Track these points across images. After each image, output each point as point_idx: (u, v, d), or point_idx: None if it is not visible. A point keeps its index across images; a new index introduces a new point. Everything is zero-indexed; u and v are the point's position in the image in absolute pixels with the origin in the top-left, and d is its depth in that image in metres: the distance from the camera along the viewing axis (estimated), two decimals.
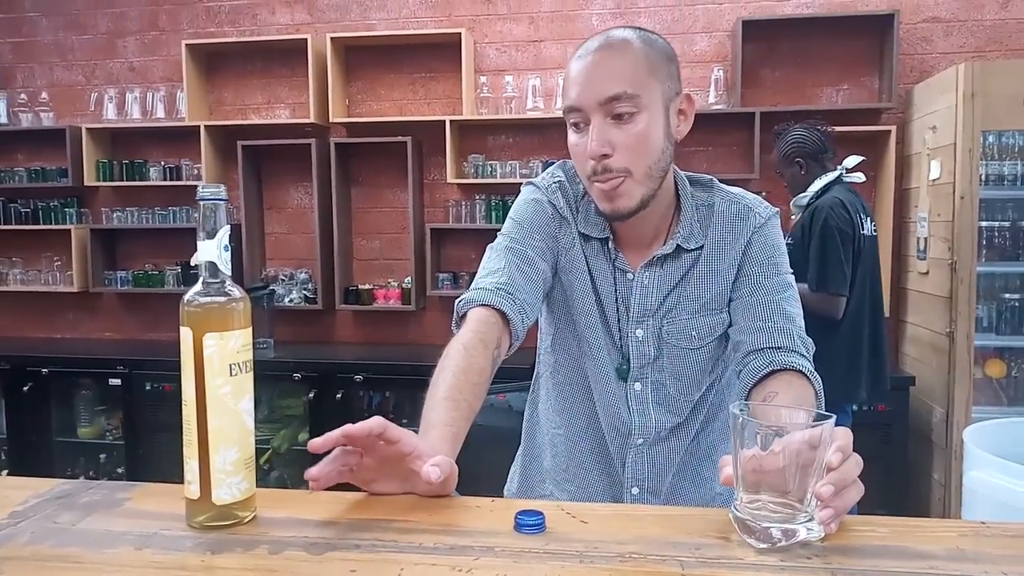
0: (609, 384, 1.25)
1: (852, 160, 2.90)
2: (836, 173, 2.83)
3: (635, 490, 1.27)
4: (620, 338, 1.23)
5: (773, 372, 1.10)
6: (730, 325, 1.21)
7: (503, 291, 1.14)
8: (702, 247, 1.21)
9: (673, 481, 1.28)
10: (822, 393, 1.10)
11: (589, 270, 1.24)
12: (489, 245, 1.25)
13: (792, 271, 1.23)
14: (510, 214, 1.27)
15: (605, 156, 1.09)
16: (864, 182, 2.90)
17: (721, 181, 1.29)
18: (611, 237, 1.22)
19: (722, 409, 1.29)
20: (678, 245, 1.20)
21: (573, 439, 1.31)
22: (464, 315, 1.13)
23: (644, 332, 1.22)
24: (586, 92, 1.10)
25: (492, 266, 1.19)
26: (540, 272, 1.20)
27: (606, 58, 1.10)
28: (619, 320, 1.23)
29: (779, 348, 1.12)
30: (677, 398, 1.24)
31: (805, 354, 1.13)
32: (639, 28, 1.15)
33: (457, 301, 1.16)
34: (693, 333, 1.21)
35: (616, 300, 1.23)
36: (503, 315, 1.12)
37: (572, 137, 1.15)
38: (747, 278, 1.20)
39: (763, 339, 1.14)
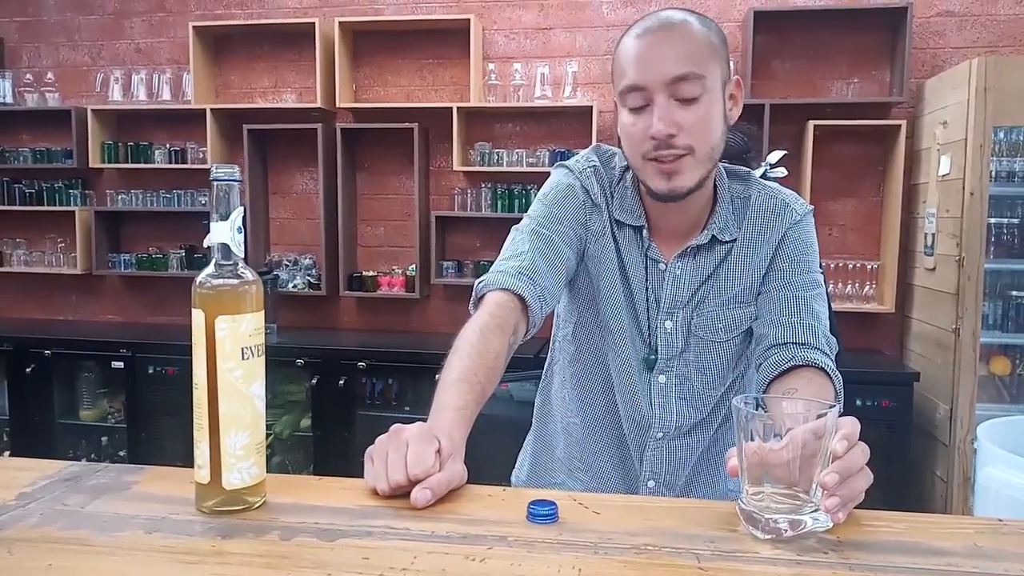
0: (632, 375, 1.23)
1: (775, 156, 2.90)
2: (760, 171, 2.84)
3: (651, 483, 1.26)
4: (648, 329, 1.21)
5: (794, 368, 1.09)
6: (756, 319, 1.19)
7: (524, 276, 1.11)
8: (736, 240, 1.19)
9: (689, 476, 1.27)
10: (842, 392, 1.09)
11: (620, 259, 1.21)
12: (514, 226, 1.22)
13: (821, 270, 1.21)
14: (539, 195, 1.24)
15: (670, 136, 1.06)
16: (786, 176, 2.90)
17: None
18: (646, 226, 1.20)
19: None
20: (713, 236, 1.18)
21: (589, 429, 1.29)
22: (482, 297, 1.11)
23: (673, 324, 1.20)
24: (651, 71, 1.05)
25: (516, 249, 1.16)
26: (564, 259, 1.18)
27: (670, 37, 1.07)
28: (648, 311, 1.21)
29: (802, 344, 1.11)
30: (701, 392, 1.23)
31: (828, 352, 1.12)
32: (692, 11, 1.12)
33: (476, 282, 1.13)
34: (720, 325, 1.20)
35: (647, 291, 1.21)
36: (522, 300, 1.10)
37: (627, 118, 1.10)
38: (777, 272, 1.18)
39: (787, 334, 1.12)
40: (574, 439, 1.31)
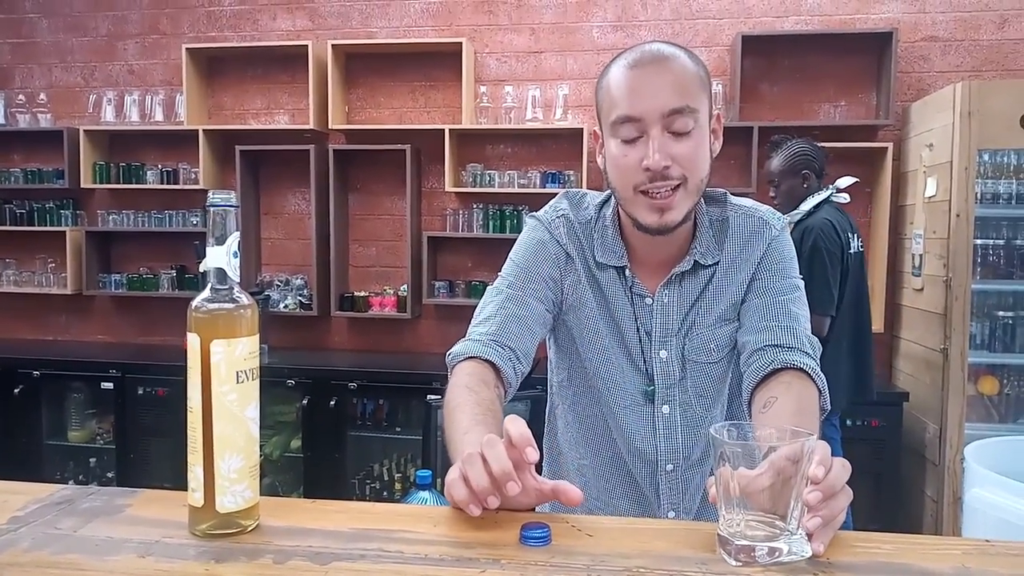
0: (635, 411, 1.23)
1: (845, 181, 2.93)
2: (827, 193, 2.87)
3: (671, 514, 1.26)
4: (644, 362, 1.22)
5: (776, 372, 1.10)
6: (738, 329, 1.21)
7: (493, 342, 1.14)
8: (718, 262, 1.21)
9: (702, 500, 1.27)
10: (826, 390, 1.10)
11: (606, 300, 1.22)
12: (490, 286, 1.24)
13: (801, 276, 1.23)
14: (512, 252, 1.26)
15: (665, 168, 1.07)
16: (848, 202, 2.93)
17: None
18: (628, 266, 1.21)
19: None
20: (696, 261, 1.19)
21: (603, 468, 1.30)
22: (453, 369, 1.13)
23: (668, 353, 1.21)
24: (647, 103, 1.06)
25: (485, 313, 1.19)
26: (537, 316, 1.20)
27: (665, 70, 1.08)
28: (641, 344, 1.22)
29: (781, 346, 1.12)
30: (702, 416, 1.23)
31: (809, 352, 1.13)
32: (679, 45, 1.13)
33: (446, 355, 1.15)
34: (712, 346, 1.21)
35: (637, 326, 1.22)
36: (492, 365, 1.12)
37: (618, 149, 1.10)
38: (756, 283, 1.20)
39: (767, 337, 1.14)
40: (589, 480, 1.30)
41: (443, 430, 1.03)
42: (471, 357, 1.12)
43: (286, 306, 4.09)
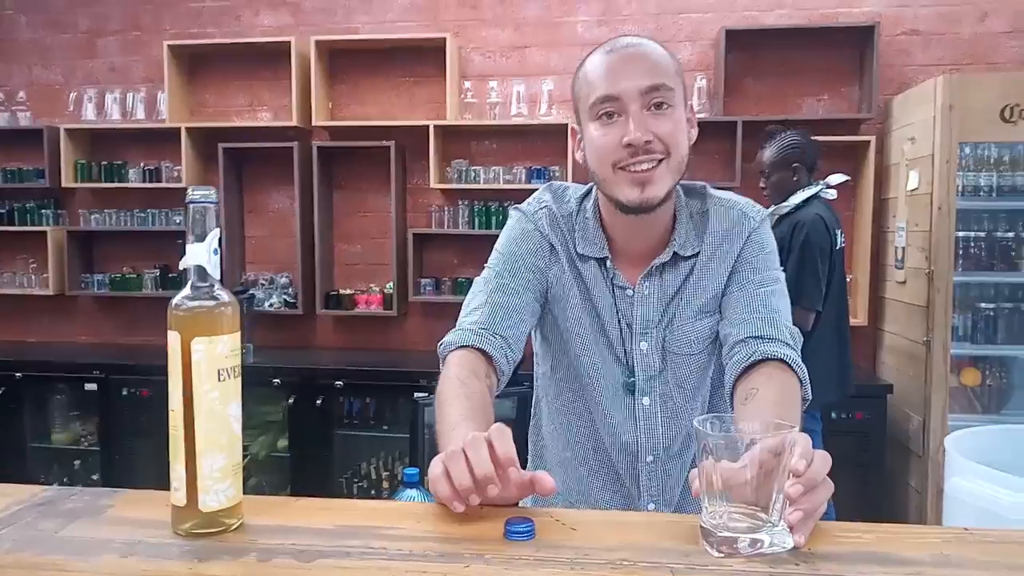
0: (617, 402, 1.24)
1: (836, 178, 2.93)
2: (817, 188, 2.87)
3: (651, 506, 1.27)
4: (625, 354, 1.23)
5: (757, 363, 1.10)
6: (719, 322, 1.21)
7: (484, 330, 1.14)
8: (698, 254, 1.21)
9: (682, 491, 1.28)
10: (807, 380, 1.11)
11: (588, 291, 1.23)
12: (477, 277, 1.25)
13: (782, 268, 1.24)
14: (497, 244, 1.27)
15: (647, 143, 1.08)
16: (834, 199, 2.95)
17: None
18: (608, 257, 1.21)
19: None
20: (675, 253, 1.20)
21: (583, 461, 1.30)
22: (446, 358, 1.13)
23: (648, 344, 1.22)
24: (625, 81, 1.09)
25: (475, 303, 1.20)
26: (525, 304, 1.20)
27: (642, 53, 1.11)
28: (622, 335, 1.22)
29: (762, 338, 1.13)
30: (683, 407, 1.24)
31: (790, 343, 1.14)
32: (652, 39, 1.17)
33: (438, 344, 1.16)
34: (693, 338, 1.22)
35: (618, 317, 1.22)
36: (484, 353, 1.12)
37: (598, 130, 1.11)
38: (737, 276, 1.21)
39: (748, 329, 1.14)
40: (570, 473, 1.31)
41: (435, 421, 1.04)
42: (463, 346, 1.13)
43: (271, 305, 4.07)
